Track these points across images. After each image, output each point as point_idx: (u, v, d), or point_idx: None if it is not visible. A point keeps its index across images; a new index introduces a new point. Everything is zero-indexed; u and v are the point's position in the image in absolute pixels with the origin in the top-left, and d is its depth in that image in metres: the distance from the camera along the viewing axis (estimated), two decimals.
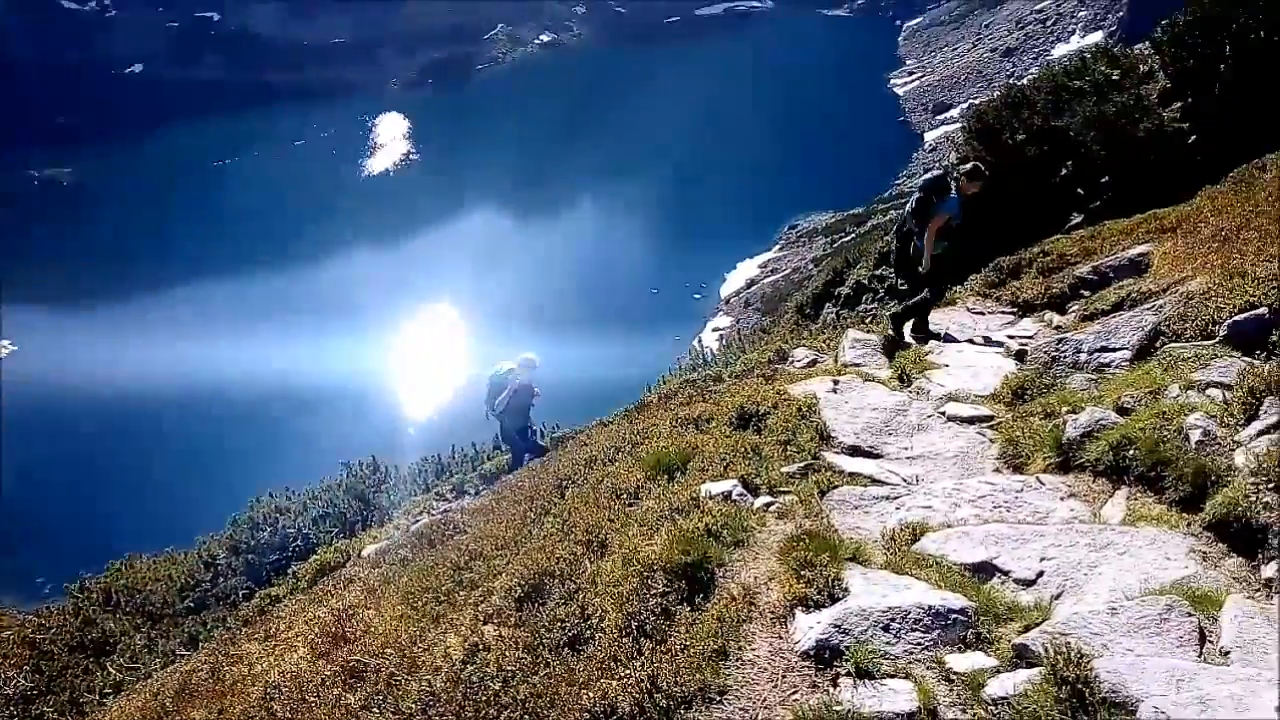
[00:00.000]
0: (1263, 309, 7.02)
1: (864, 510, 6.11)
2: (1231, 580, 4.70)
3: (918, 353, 10.53)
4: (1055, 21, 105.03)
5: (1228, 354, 6.86)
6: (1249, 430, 5.57)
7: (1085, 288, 11.32)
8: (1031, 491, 5.93)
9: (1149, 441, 5.65)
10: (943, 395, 8.47)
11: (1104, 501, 5.71)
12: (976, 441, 7.21)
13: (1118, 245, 11.95)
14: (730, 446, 7.70)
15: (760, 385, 10.39)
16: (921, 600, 4.47)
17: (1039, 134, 25.70)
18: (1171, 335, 7.69)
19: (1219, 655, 4.03)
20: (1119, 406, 6.39)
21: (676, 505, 6.53)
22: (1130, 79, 26.92)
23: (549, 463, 12.01)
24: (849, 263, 35.00)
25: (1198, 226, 10.79)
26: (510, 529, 8.53)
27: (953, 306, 12.52)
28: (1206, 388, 6.30)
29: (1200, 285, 8.07)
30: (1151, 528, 5.18)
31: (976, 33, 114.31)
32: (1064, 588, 4.75)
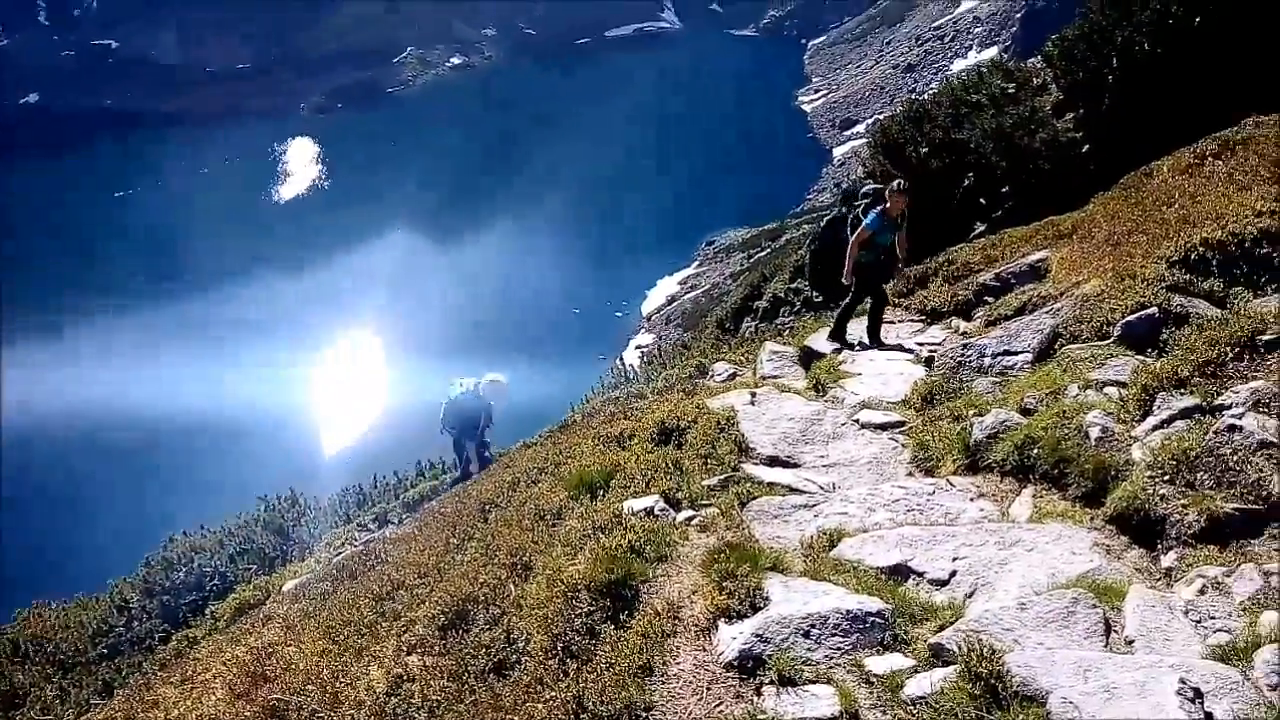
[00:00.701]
0: (1153, 309, 7.37)
1: (783, 519, 6.19)
2: (1134, 571, 4.90)
3: (831, 362, 10.72)
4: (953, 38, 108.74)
5: (1122, 353, 7.16)
6: (1144, 425, 5.82)
7: (989, 294, 11.69)
8: (943, 494, 6.09)
9: (1051, 440, 5.86)
10: (857, 403, 8.65)
11: (1011, 500, 5.90)
12: (889, 447, 7.38)
13: (1018, 252, 12.38)
14: (652, 462, 7.73)
15: (681, 400, 10.46)
16: (840, 605, 4.55)
17: (941, 147, 26.51)
18: (1069, 337, 8.01)
19: (1124, 644, 4.19)
20: (1022, 408, 6.62)
21: (600, 523, 6.51)
22: (1025, 92, 27.99)
23: (471, 486, 11.89)
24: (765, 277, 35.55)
25: (1091, 232, 11.26)
26: (433, 556, 8.41)
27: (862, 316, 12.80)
28: (1103, 386, 6.57)
29: (1094, 288, 8.43)
30: (1057, 524, 5.37)
31: (878, 50, 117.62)
32: (976, 586, 4.89)
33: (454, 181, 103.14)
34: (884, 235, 11.29)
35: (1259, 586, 4.42)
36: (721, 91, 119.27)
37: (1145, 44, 24.34)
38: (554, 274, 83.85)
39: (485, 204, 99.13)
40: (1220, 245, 7.91)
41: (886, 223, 11.20)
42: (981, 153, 25.39)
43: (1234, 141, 11.81)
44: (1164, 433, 5.54)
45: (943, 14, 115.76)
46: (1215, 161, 11.38)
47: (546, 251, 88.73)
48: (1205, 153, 11.94)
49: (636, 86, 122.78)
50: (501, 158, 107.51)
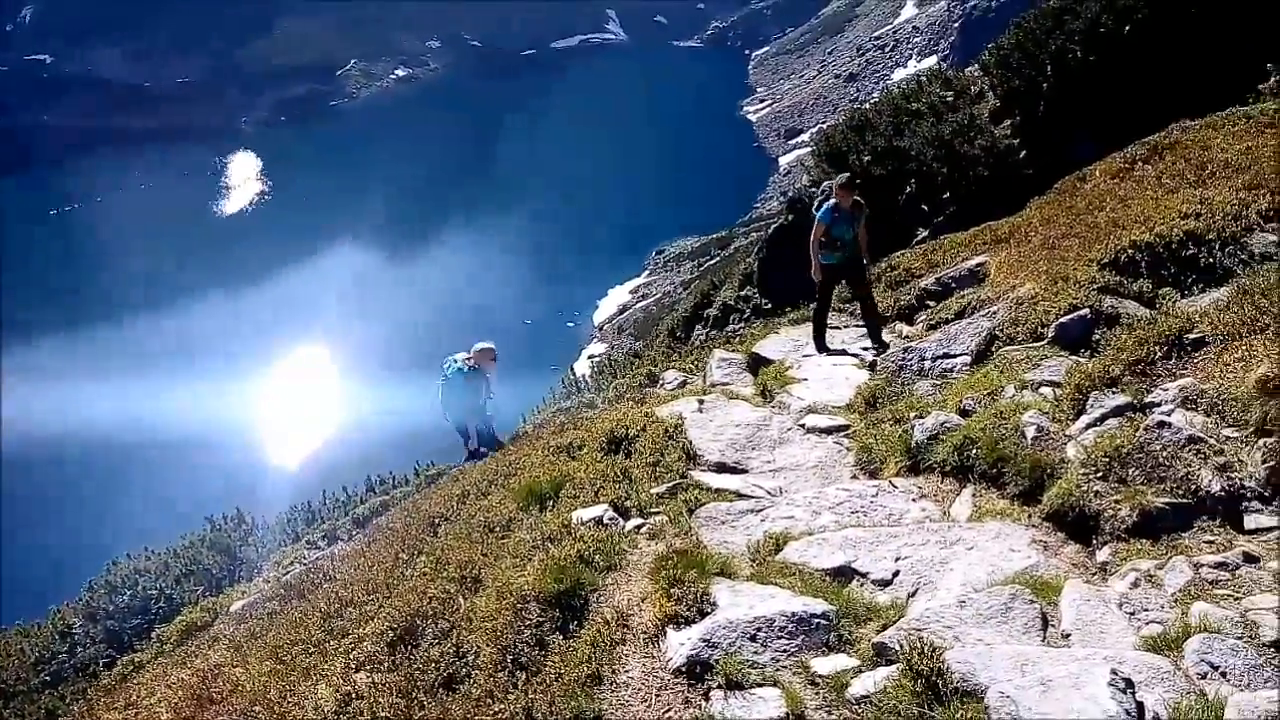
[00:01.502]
0: (1085, 310, 7.57)
1: (730, 525, 6.23)
2: (1070, 566, 5.02)
3: (778, 369, 10.82)
4: (893, 48, 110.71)
5: (1056, 353, 7.35)
6: (1078, 424, 5.97)
7: (930, 298, 11.90)
8: (886, 495, 6.19)
9: (989, 441, 5.99)
10: (802, 408, 8.74)
11: (952, 500, 6.01)
12: (834, 451, 7.48)
13: (957, 257, 12.63)
14: (601, 471, 7.74)
15: (631, 409, 10.48)
16: (785, 608, 4.60)
17: (883, 154, 26.98)
18: (1006, 339, 8.19)
19: (1060, 638, 4.29)
20: (961, 409, 6.75)
21: (549, 534, 6.51)
22: (963, 100, 28.61)
23: (421, 501, 11.78)
24: (715, 285, 35.78)
25: (1028, 236, 11.54)
26: (382, 572, 8.33)
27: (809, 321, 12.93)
28: (1039, 386, 6.73)
29: (1029, 291, 8.63)
30: (996, 522, 5.48)
31: (821, 60, 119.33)
32: (918, 585, 4.97)
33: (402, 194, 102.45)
34: (840, 229, 11.10)
35: (1189, 578, 4.55)
36: (668, 102, 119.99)
37: (1078, 52, 25.02)
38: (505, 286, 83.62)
39: (434, 217, 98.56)
40: (1149, 247, 8.16)
41: (839, 216, 11.05)
42: (922, 160, 25.89)
43: (1162, 146, 12.19)
44: (1097, 431, 5.68)
45: (883, 24, 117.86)
46: (1144, 166, 11.73)
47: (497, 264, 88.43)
48: (1135, 157, 12.30)
49: (583, 98, 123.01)
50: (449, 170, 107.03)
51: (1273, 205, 8.02)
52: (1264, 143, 10.48)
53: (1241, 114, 12.98)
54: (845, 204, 11.08)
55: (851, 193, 11.20)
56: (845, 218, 11.06)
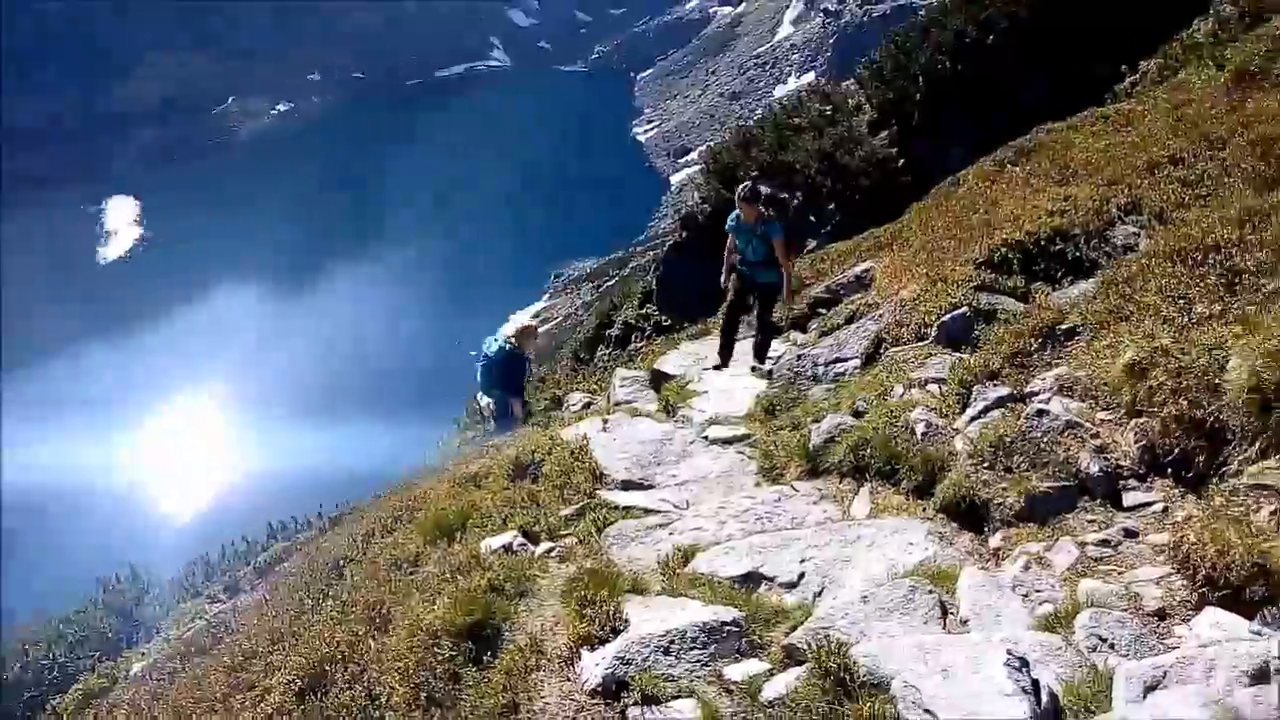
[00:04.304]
0: (964, 308, 7.90)
1: (640, 541, 6.26)
2: (965, 554, 5.21)
3: (680, 383, 10.94)
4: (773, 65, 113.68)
5: (940, 351, 7.64)
6: (964, 417, 6.21)
7: (821, 306, 12.21)
8: (788, 500, 6.31)
9: (882, 439, 6.18)
10: (705, 420, 8.85)
11: (851, 499, 6.16)
12: (738, 460, 7.59)
13: (844, 264, 13.02)
14: (508, 499, 7.68)
15: (536, 434, 10.44)
16: (697, 618, 4.64)
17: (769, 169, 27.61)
18: (893, 340, 8.47)
19: (960, 624, 4.44)
20: (855, 410, 6.95)
21: (457, 566, 6.41)
22: (842, 113, 29.56)
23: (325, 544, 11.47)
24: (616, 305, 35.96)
25: (908, 240, 11.97)
26: (287, 620, 8.07)
27: (708, 335, 13.13)
28: (926, 384, 6.98)
29: (912, 293, 8.96)
30: (893, 517, 5.65)
31: (705, 80, 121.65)
32: (824, 585, 5.08)
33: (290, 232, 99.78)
34: (741, 239, 10.83)
35: (1076, 557, 4.78)
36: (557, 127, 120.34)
37: (946, 62, 26.15)
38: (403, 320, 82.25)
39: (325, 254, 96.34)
40: (1020, 245, 8.57)
41: (742, 227, 10.74)
42: (807, 172, 26.62)
43: (1027, 148, 12.83)
44: (982, 422, 5.92)
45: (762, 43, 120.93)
46: (1013, 168, 12.32)
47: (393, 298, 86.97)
48: (1004, 161, 12.91)
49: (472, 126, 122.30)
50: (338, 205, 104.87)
51: (1131, 199, 8.53)
52: (1120, 140, 11.14)
53: (1100, 114, 13.78)
54: (746, 217, 10.71)
55: (751, 204, 10.66)
56: (745, 229, 10.76)
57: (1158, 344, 5.49)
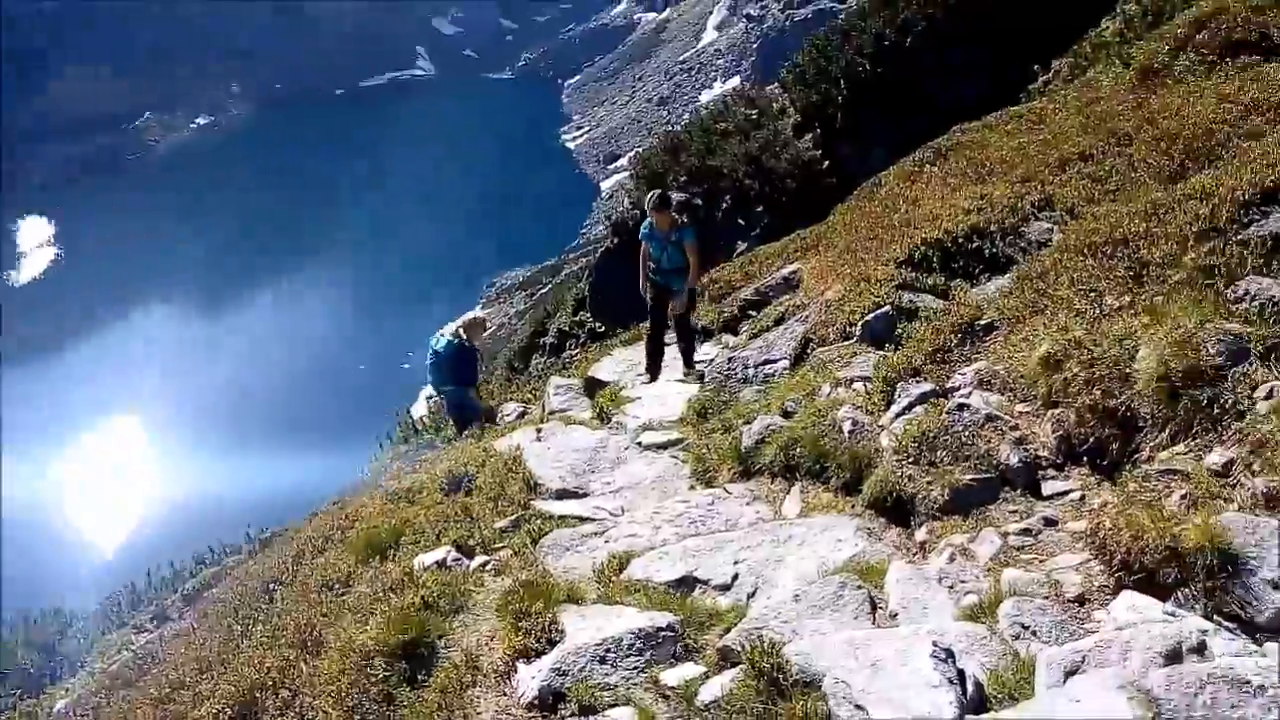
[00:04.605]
0: (887, 307, 8.06)
1: (575, 550, 6.24)
2: (893, 549, 5.30)
3: (614, 390, 10.93)
4: (699, 70, 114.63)
5: (865, 350, 7.78)
6: (889, 414, 6.33)
7: (752, 308, 12.32)
8: (721, 502, 6.36)
9: (811, 439, 6.26)
10: (638, 426, 8.86)
11: (783, 499, 6.24)
12: (671, 465, 7.62)
13: (772, 267, 13.17)
14: (442, 513, 7.61)
15: (469, 445, 10.36)
16: (631, 625, 4.64)
17: (697, 173, 27.83)
18: (819, 340, 8.60)
19: (889, 618, 4.52)
20: (784, 411, 7.03)
21: (391, 584, 6.32)
22: (767, 117, 29.91)
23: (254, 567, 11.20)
24: (549, 313, 35.88)
25: (833, 241, 12.16)
26: (216, 648, 7.87)
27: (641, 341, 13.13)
28: (852, 382, 7.09)
29: (837, 293, 9.10)
30: (823, 515, 5.73)
31: (632, 86, 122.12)
32: (757, 585, 5.13)
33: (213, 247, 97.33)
34: (654, 246, 10.74)
35: (999, 547, 4.89)
36: (486, 135, 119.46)
37: (865, 65, 26.64)
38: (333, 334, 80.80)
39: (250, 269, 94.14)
40: (939, 244, 8.77)
41: (655, 235, 10.69)
42: (735, 176, 26.88)
43: (945, 149, 13.13)
44: (906, 418, 6.03)
45: (687, 48, 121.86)
46: (931, 168, 12.60)
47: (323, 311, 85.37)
48: (923, 161, 13.20)
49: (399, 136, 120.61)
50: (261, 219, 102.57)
51: (1044, 196, 8.79)
52: (1033, 139, 11.47)
53: (1014, 114, 14.17)
54: (659, 224, 10.67)
55: (663, 211, 10.60)
56: (658, 237, 10.70)
57: (1071, 336, 5.66)
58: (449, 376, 12.72)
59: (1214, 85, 8.79)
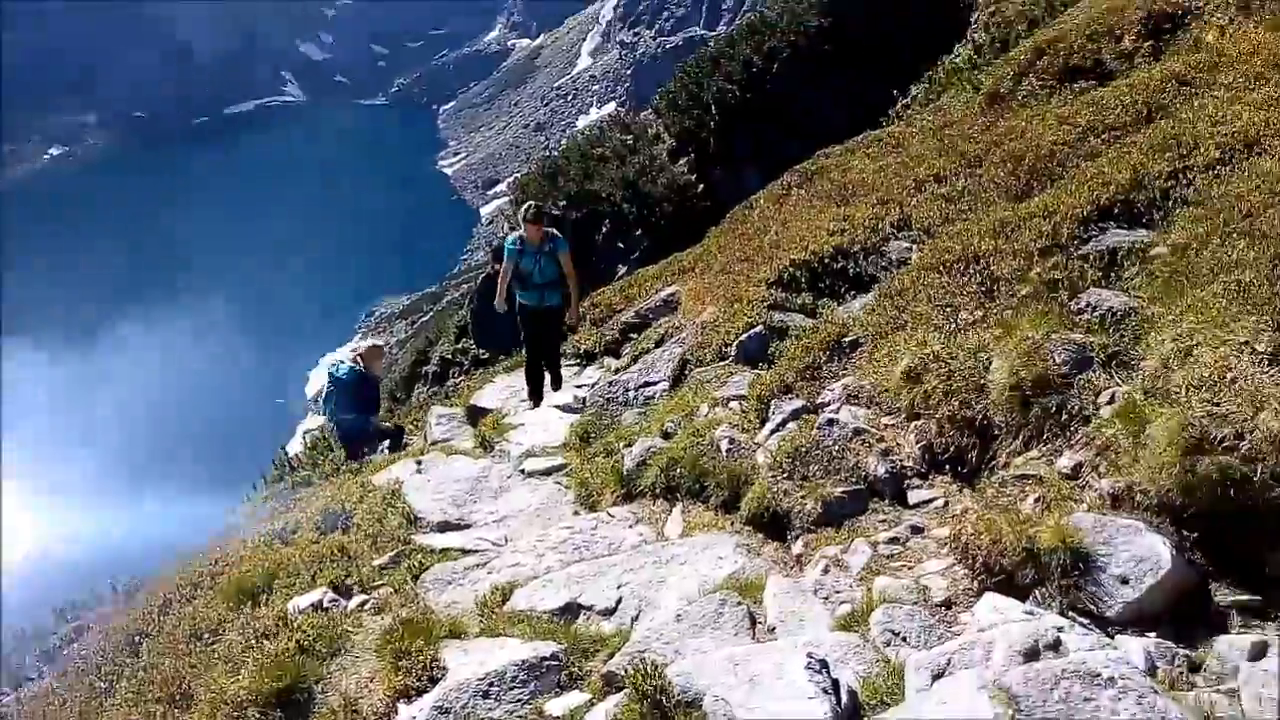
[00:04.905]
0: (759, 327, 8.26)
1: (458, 583, 6.14)
2: (771, 564, 5.41)
3: (496, 417, 10.82)
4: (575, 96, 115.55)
5: (740, 369, 7.94)
6: (764, 431, 6.48)
7: (633, 331, 12.42)
8: (604, 526, 6.37)
9: (690, 459, 6.35)
10: (521, 454, 8.81)
11: (665, 520, 6.29)
12: (555, 491, 7.60)
13: (651, 289, 13.32)
14: (317, 553, 7.36)
15: (346, 481, 10.08)
16: (515, 657, 4.59)
17: (576, 198, 27.98)
18: (696, 361, 8.74)
19: (767, 633, 4.61)
20: (664, 432, 7.11)
21: (263, 630, 6.08)
22: (643, 142, 30.34)
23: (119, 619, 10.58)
24: (431, 341, 35.32)
25: (709, 264, 12.39)
26: (78, 707, 7.40)
27: None
28: (728, 402, 7.23)
29: (712, 315, 9.28)
30: (704, 534, 5.81)
31: (508, 112, 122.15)
32: (640, 608, 5.15)
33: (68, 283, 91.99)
34: (528, 261, 10.47)
35: (870, 556, 5.05)
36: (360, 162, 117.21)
37: (735, 91, 27.34)
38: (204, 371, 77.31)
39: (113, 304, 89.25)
40: (806, 264, 9.07)
41: (527, 250, 10.42)
42: (613, 201, 27.14)
43: (811, 172, 13.59)
44: (780, 435, 6.19)
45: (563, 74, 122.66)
46: (799, 191, 13.01)
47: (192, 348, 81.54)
48: (790, 184, 13.61)
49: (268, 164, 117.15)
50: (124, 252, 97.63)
51: (902, 216, 9.19)
52: (892, 162, 11.97)
53: (874, 137, 14.78)
54: (532, 237, 10.43)
55: (538, 225, 10.46)
56: (530, 251, 10.44)
57: (929, 350, 5.92)
58: (350, 405, 12.21)
59: (1054, 109, 9.38)
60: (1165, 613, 4.02)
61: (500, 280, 10.88)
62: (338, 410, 12.38)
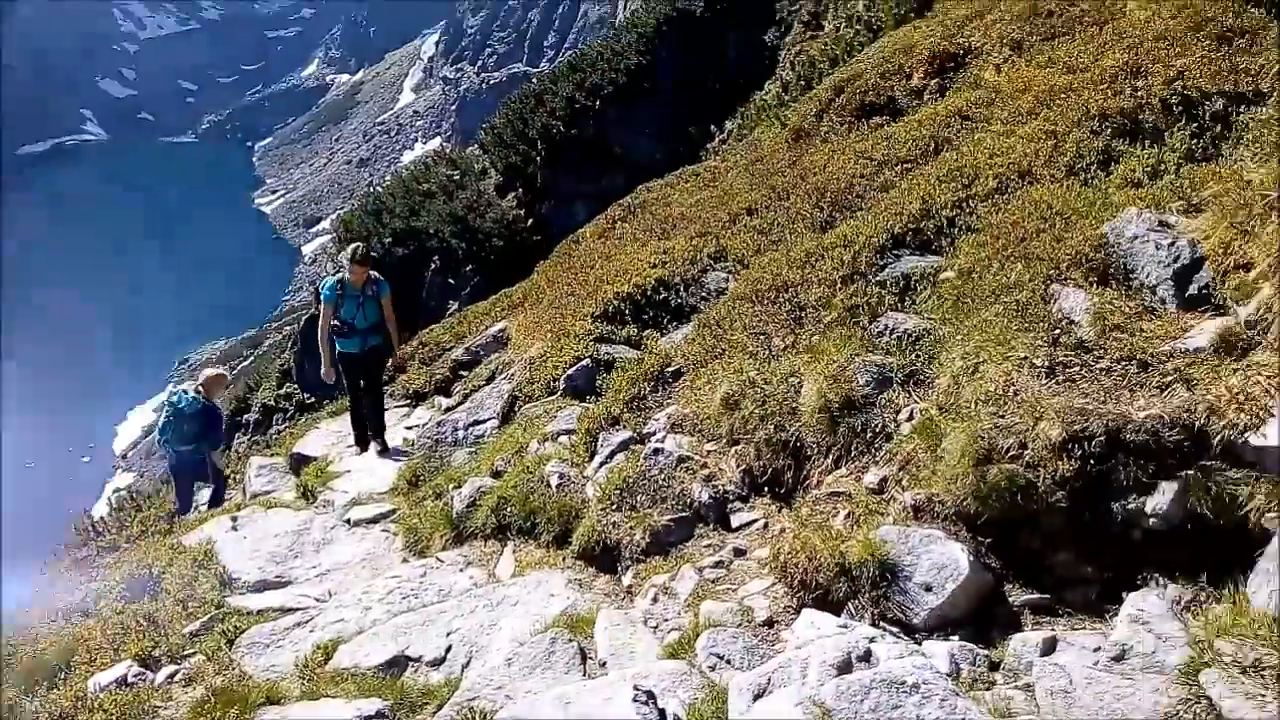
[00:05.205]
0: (586, 360, 8.34)
1: (278, 645, 5.83)
2: (602, 597, 5.42)
3: (321, 465, 10.40)
4: (398, 131, 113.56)
5: (569, 403, 7.98)
6: (593, 464, 6.51)
7: (464, 368, 12.24)
8: (434, 573, 6.22)
9: (520, 496, 6.30)
10: (347, 502, 8.50)
11: (497, 561, 6.21)
12: (382, 540, 7.37)
13: (482, 325, 13.20)
14: (121, 625, 6.82)
15: (156, 543, 9.43)
16: (336, 718, 4.40)
17: (403, 235, 27.47)
18: (525, 397, 8.72)
19: (599, 668, 4.60)
20: (494, 471, 7.04)
21: (60, 713, 5.58)
22: (470, 177, 30.18)
23: None
24: (251, 387, 33.61)
25: (538, 298, 12.41)
26: None
27: None
28: (558, 436, 7.23)
29: (540, 350, 9.29)
30: (536, 572, 5.76)
31: (329, 148, 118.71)
32: (471, 654, 5.04)
33: None
34: (349, 306, 9.75)
35: (696, 582, 5.14)
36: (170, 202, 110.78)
37: (560, 126, 27.64)
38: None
39: None
40: (630, 296, 9.23)
41: (348, 294, 9.73)
42: (441, 237, 26.82)
43: (634, 205, 13.87)
44: (608, 467, 6.24)
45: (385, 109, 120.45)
46: (623, 224, 13.25)
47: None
48: (615, 218, 13.84)
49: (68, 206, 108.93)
50: None
51: (718, 248, 9.50)
52: (708, 195, 12.38)
53: (692, 171, 15.25)
54: (356, 280, 9.71)
55: (365, 266, 9.78)
56: (353, 295, 9.73)
57: (746, 377, 6.13)
58: (189, 435, 11.26)
59: (853, 143, 9.96)
60: (967, 616, 4.29)
61: (321, 331, 10.02)
62: (174, 441, 11.41)
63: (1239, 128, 5.65)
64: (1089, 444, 4.24)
